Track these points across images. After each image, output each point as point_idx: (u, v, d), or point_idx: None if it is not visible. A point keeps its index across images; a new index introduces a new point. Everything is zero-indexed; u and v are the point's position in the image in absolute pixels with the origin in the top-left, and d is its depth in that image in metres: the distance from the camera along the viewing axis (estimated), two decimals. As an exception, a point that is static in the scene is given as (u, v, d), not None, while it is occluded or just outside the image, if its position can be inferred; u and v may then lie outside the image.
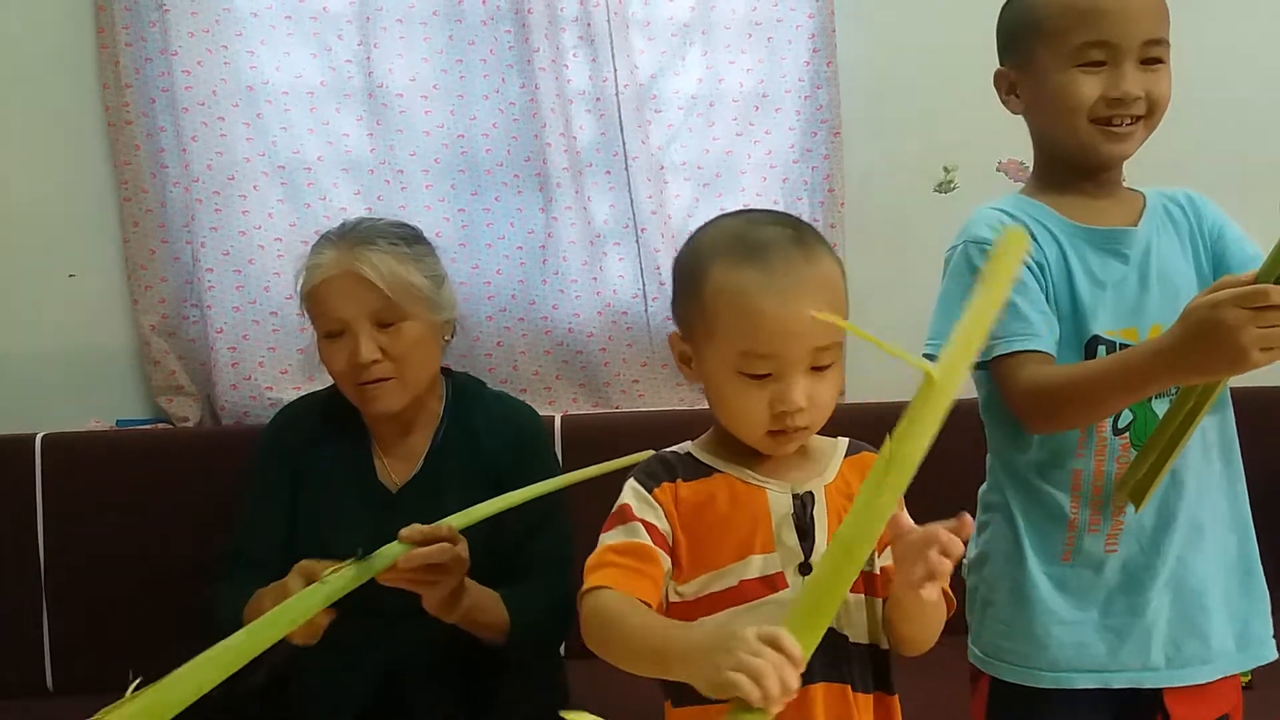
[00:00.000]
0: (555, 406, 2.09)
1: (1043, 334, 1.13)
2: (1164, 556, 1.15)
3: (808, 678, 0.83)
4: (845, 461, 1.02)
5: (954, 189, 2.26)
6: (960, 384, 0.81)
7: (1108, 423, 1.15)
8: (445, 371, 1.56)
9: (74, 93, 1.99)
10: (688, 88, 2.14)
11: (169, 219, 2.00)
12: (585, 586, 0.94)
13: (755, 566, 0.96)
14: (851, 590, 0.96)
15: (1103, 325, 1.16)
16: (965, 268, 1.18)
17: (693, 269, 0.98)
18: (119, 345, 2.05)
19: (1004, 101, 1.25)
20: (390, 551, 1.17)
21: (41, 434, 1.87)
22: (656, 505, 0.97)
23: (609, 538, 0.97)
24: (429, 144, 2.06)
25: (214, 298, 1.99)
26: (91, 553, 1.84)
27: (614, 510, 0.99)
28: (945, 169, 2.25)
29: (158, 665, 0.97)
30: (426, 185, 2.07)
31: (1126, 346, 1.13)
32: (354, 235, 1.44)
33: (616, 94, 2.06)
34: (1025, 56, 1.19)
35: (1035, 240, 1.17)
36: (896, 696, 1.00)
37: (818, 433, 1.01)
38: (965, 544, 0.86)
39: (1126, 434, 1.15)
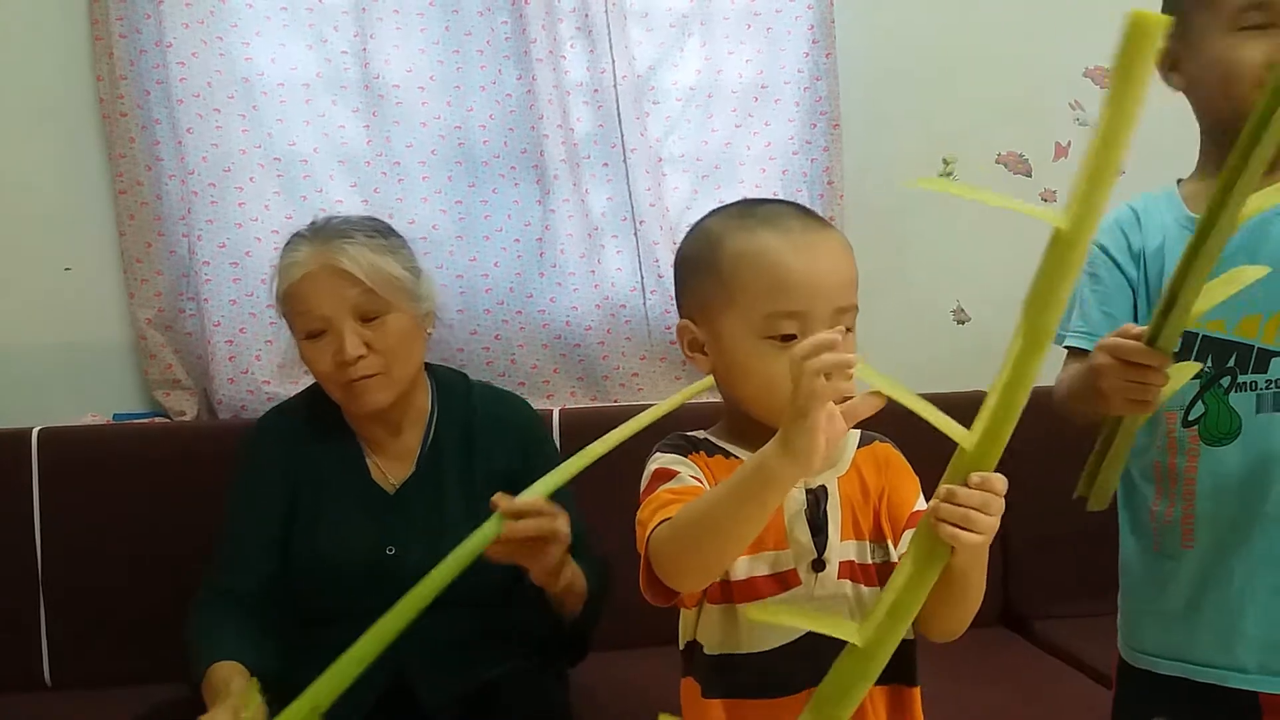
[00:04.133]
0: (553, 400, 2.08)
1: (1100, 334, 1.08)
2: (1241, 557, 1.09)
3: (820, 676, 0.82)
4: (859, 452, 0.99)
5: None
6: (1092, 231, 0.70)
7: (1177, 414, 1.12)
8: (427, 367, 1.54)
9: (68, 85, 1.98)
10: (686, 79, 2.13)
11: (165, 212, 1.99)
12: (648, 530, 0.89)
13: (767, 563, 0.93)
14: (865, 583, 0.95)
15: None
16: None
17: (704, 246, 0.96)
18: (115, 339, 2.04)
19: (1164, 79, 1.11)
20: (490, 529, 1.17)
21: (38, 428, 1.86)
22: (694, 465, 0.94)
23: (655, 493, 0.92)
24: (425, 136, 2.05)
25: (210, 291, 1.97)
26: (88, 547, 1.84)
27: (650, 476, 0.95)
28: (945, 161, 2.24)
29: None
30: (423, 177, 2.05)
31: (1211, 338, 1.09)
32: (328, 230, 1.42)
33: (614, 85, 2.05)
34: (1182, 25, 1.07)
35: (1139, 230, 1.13)
36: (918, 689, 0.97)
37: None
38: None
39: (1196, 426, 1.11)
